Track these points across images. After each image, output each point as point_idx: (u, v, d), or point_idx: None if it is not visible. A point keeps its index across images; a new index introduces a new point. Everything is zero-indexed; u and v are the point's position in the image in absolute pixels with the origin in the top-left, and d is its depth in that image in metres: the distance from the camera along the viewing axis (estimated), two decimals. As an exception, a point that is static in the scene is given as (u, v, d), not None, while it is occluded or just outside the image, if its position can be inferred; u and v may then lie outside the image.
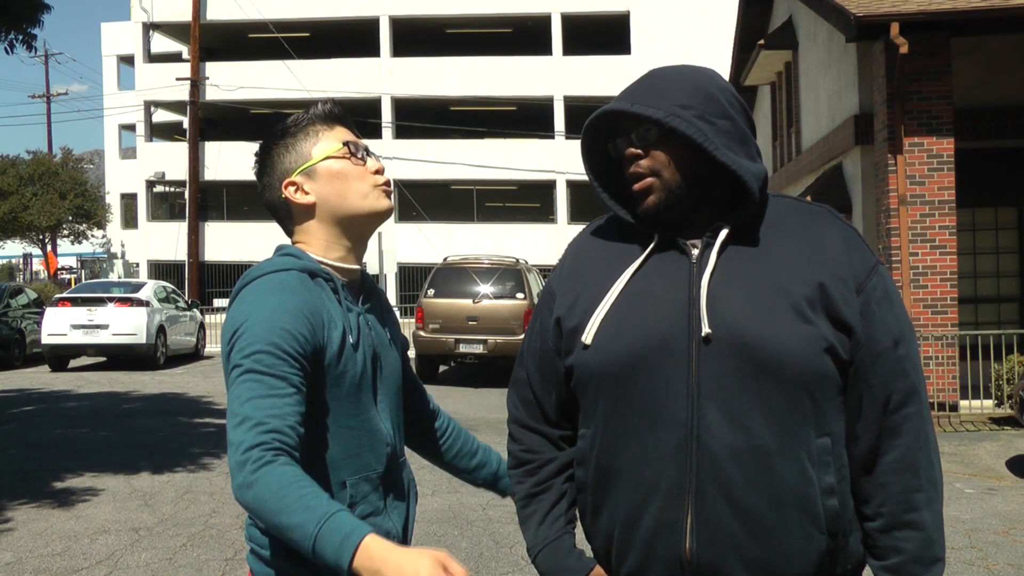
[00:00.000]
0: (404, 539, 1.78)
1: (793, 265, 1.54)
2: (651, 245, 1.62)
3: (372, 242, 22.21)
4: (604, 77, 31.37)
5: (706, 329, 1.51)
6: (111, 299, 16.73)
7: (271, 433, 1.50)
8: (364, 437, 1.70)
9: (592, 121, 1.65)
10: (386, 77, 32.84)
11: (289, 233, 1.81)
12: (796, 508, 1.50)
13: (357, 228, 1.79)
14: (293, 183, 1.75)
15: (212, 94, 32.06)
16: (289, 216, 1.79)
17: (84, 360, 17.60)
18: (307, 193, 1.75)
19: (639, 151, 1.58)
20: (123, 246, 42.48)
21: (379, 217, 1.79)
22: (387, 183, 1.80)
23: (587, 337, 1.59)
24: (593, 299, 1.62)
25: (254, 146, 1.88)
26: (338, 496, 1.65)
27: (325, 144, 1.77)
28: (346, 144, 1.77)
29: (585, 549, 1.71)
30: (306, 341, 1.61)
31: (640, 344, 1.55)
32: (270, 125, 1.91)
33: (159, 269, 33.77)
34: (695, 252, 1.58)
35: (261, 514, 1.46)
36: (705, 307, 1.52)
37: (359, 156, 1.78)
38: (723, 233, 1.57)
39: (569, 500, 1.72)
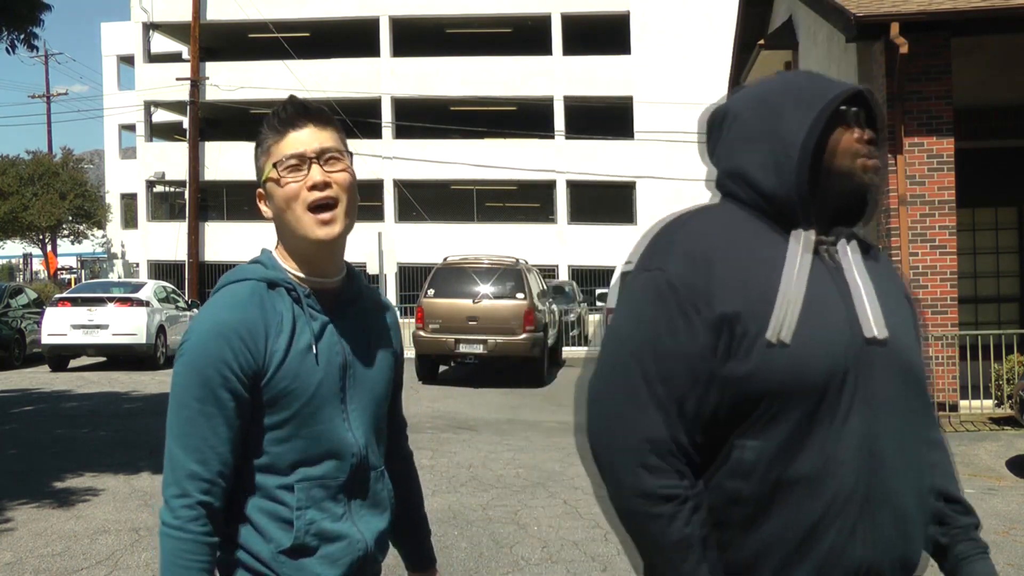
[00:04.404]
0: (377, 549, 1.77)
1: (896, 281, 1.70)
2: (799, 242, 1.55)
3: (372, 242, 21.68)
4: (604, 77, 31.35)
5: (883, 333, 1.54)
6: (111, 299, 16.72)
7: (196, 482, 1.61)
8: (321, 445, 1.70)
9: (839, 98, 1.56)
10: (386, 77, 32.82)
11: None
12: (929, 500, 1.62)
13: (303, 250, 1.73)
14: (260, 195, 1.77)
15: (212, 94, 32.02)
16: None
17: (84, 360, 17.59)
18: (267, 208, 1.76)
19: (871, 137, 1.61)
20: (123, 246, 42.43)
21: (315, 244, 1.70)
22: (323, 200, 1.67)
23: (785, 335, 1.47)
24: (765, 296, 1.50)
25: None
26: (284, 498, 1.68)
27: (270, 161, 1.71)
28: (275, 164, 1.69)
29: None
30: (239, 366, 1.63)
31: (834, 350, 1.51)
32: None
33: (159, 269, 33.74)
34: (826, 256, 1.58)
35: (160, 553, 1.62)
36: (871, 312, 1.55)
37: (297, 169, 1.68)
38: (852, 241, 1.61)
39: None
